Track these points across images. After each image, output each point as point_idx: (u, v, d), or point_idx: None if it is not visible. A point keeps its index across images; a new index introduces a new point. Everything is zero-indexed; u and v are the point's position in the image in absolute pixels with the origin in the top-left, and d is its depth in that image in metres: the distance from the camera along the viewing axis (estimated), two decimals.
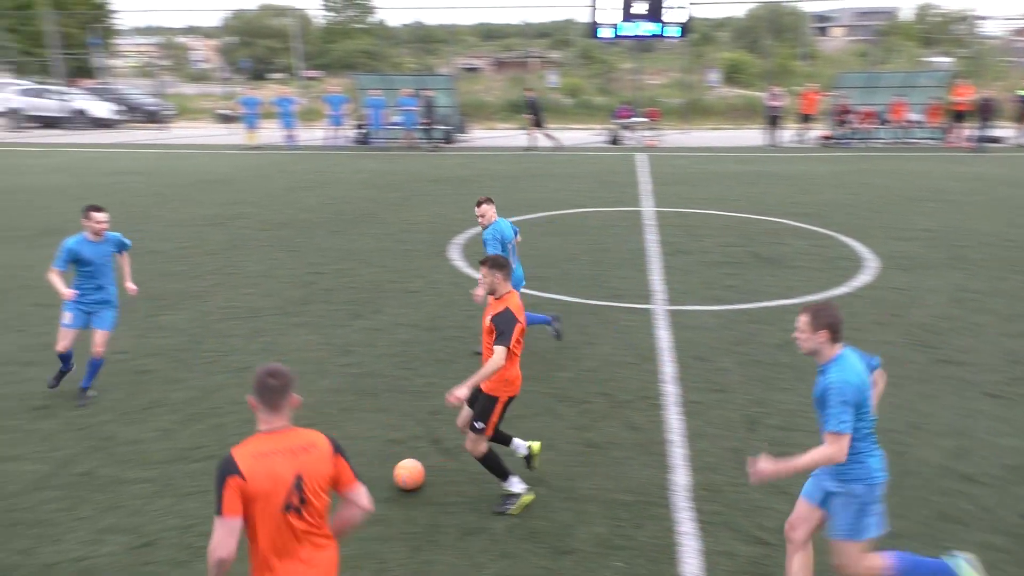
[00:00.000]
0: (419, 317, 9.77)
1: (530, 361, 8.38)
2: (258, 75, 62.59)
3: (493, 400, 5.55)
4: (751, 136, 30.43)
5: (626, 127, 29.40)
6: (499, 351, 5.27)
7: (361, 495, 3.47)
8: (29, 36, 53.54)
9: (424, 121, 26.52)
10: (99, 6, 68.25)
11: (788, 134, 28.10)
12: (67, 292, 7.29)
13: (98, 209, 7.42)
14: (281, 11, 67.13)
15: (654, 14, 29.58)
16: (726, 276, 11.44)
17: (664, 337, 9.04)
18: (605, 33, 30.49)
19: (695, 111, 36.38)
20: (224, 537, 3.15)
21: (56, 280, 7.27)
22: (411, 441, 6.67)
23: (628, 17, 29.80)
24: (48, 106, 34.10)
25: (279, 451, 3.26)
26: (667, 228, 14.55)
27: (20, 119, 33.64)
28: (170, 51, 77.97)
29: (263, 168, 22.19)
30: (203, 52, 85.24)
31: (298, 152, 25.85)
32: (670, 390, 7.64)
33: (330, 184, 19.47)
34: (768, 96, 28.36)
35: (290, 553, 3.26)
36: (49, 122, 33.63)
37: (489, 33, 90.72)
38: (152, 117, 36.04)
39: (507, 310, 5.39)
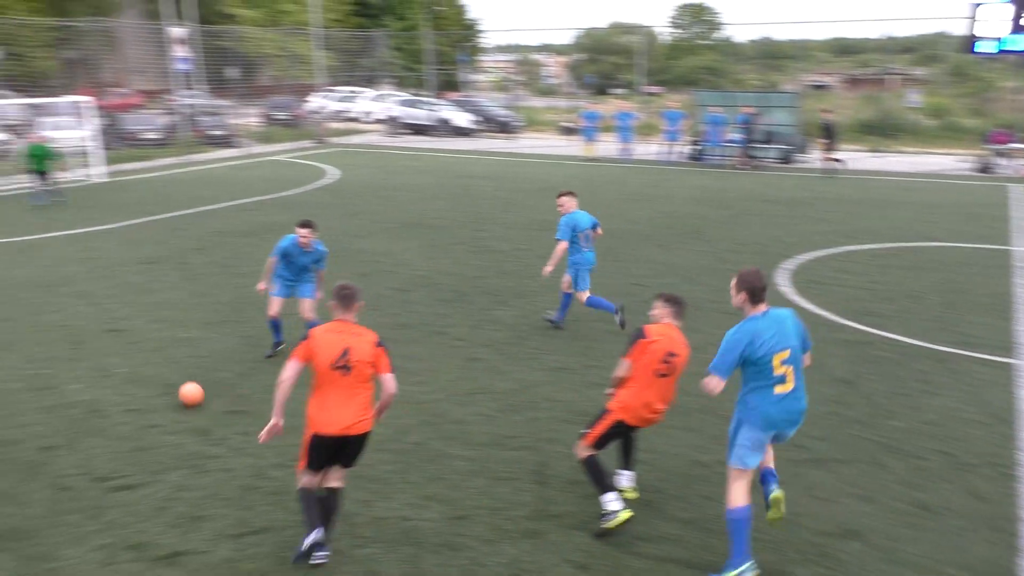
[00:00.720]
0: None
1: (856, 403, 7.73)
2: (601, 90, 65.15)
3: (604, 412, 5.65)
4: None
5: (1001, 153, 25.82)
6: (620, 363, 5.57)
7: (389, 381, 5.24)
8: (411, 54, 61.09)
9: (748, 139, 25.70)
10: (469, 27, 75.69)
11: None
12: (261, 285, 8.72)
13: (304, 225, 8.40)
14: (629, 29, 69.17)
15: None
16: None
17: None
18: (986, 47, 27.01)
19: None
20: (288, 370, 5.15)
21: (268, 266, 8.63)
22: (717, 466, 6.48)
23: (1018, 29, 26.13)
24: (419, 115, 38.64)
25: (339, 332, 5.17)
26: None
27: (397, 126, 38.54)
28: (525, 67, 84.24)
29: (597, 179, 23.04)
30: (553, 68, 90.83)
31: (632, 165, 26.45)
32: None
33: (660, 198, 19.65)
34: None
35: (332, 394, 5.10)
36: (419, 129, 38.09)
37: (844, 48, 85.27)
38: (503, 127, 39.17)
39: (642, 327, 5.58)
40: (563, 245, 9.43)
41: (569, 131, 35.81)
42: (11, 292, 11.44)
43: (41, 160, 18.53)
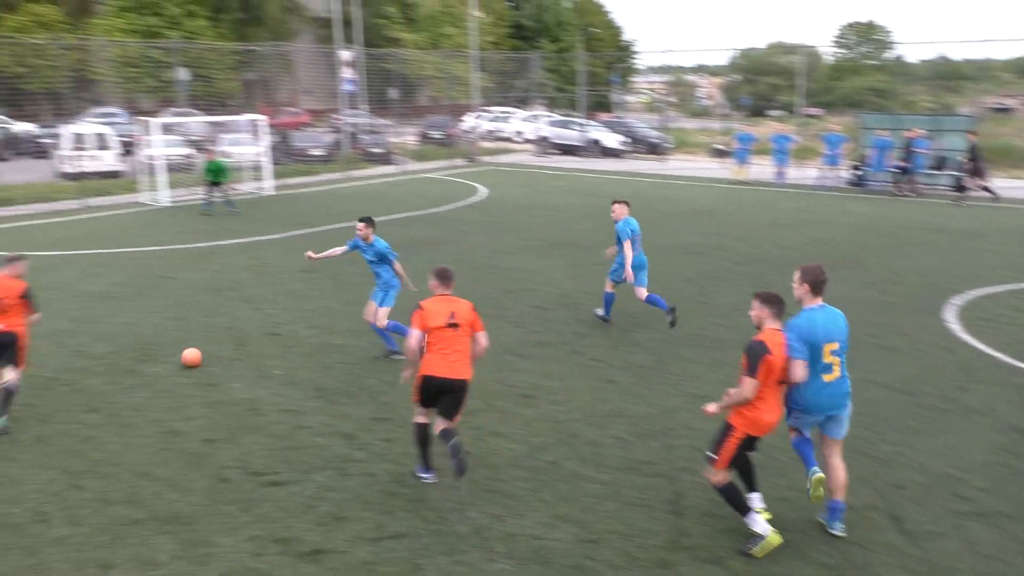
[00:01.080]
0: (893, 377, 8.91)
1: None
2: (756, 112, 63.33)
3: (728, 429, 5.51)
4: None
5: None
6: (745, 382, 5.36)
7: (482, 338, 6.53)
8: (563, 75, 61.73)
9: (917, 165, 24.11)
10: (624, 48, 75.66)
11: None
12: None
13: (362, 220, 9.24)
14: (791, 49, 66.95)
15: None
16: None
17: None
18: None
19: None
20: (412, 338, 6.36)
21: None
22: (865, 511, 6.10)
23: None
24: (569, 136, 38.96)
25: (444, 301, 6.49)
26: None
27: (547, 146, 39.04)
28: (678, 88, 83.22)
29: (749, 203, 22.36)
30: (707, 89, 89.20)
31: (786, 189, 25.50)
32: None
33: (814, 224, 18.81)
34: None
35: (441, 346, 6.33)
36: (568, 149, 38.39)
37: None
38: (653, 149, 38.81)
39: (759, 341, 5.40)
40: (629, 244, 10.40)
41: (721, 153, 34.99)
42: (186, 294, 12.44)
43: (217, 174, 20.13)
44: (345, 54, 35.48)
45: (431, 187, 25.83)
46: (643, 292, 10.62)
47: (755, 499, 5.77)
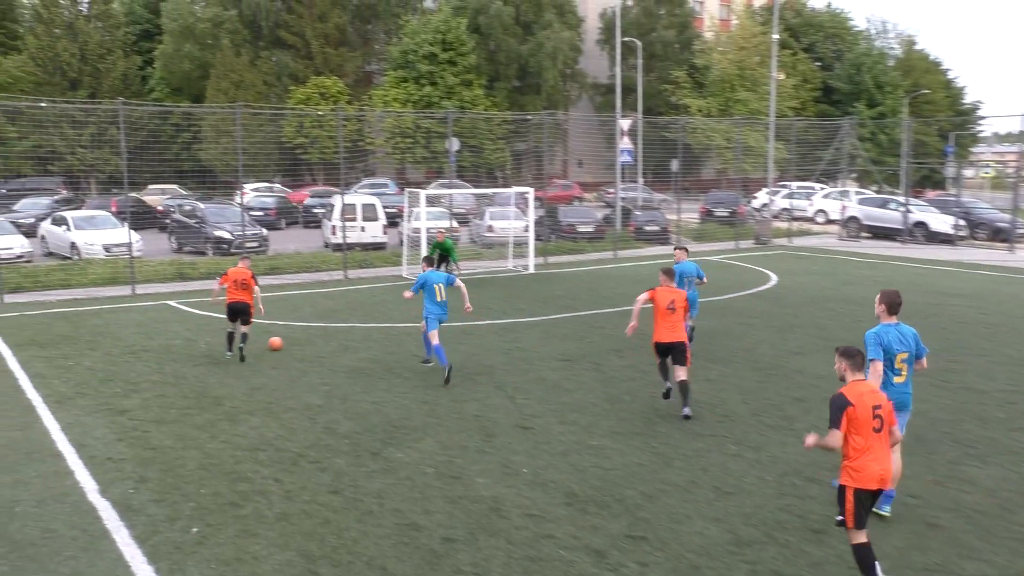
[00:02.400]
0: None
1: None
2: None
3: (841, 490, 6.46)
4: None
5: None
6: (830, 434, 6.36)
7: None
8: (881, 145, 59.01)
9: None
10: (965, 112, 70.93)
11: None
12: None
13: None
14: None
15: None
16: None
17: None
18: None
19: None
20: (640, 299, 11.38)
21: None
22: None
23: None
24: (885, 216, 36.85)
25: (667, 291, 11.28)
26: None
27: (855, 228, 37.20)
28: None
29: None
30: None
31: None
32: None
33: None
34: None
35: (662, 321, 11.11)
36: (883, 233, 36.27)
37: None
38: (998, 234, 35.55)
39: (839, 394, 6.44)
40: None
41: None
42: (436, 376, 13.17)
43: (444, 252, 21.95)
44: (624, 122, 36.76)
45: (712, 271, 25.55)
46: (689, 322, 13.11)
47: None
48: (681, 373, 10.99)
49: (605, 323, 17.45)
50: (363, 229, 29.53)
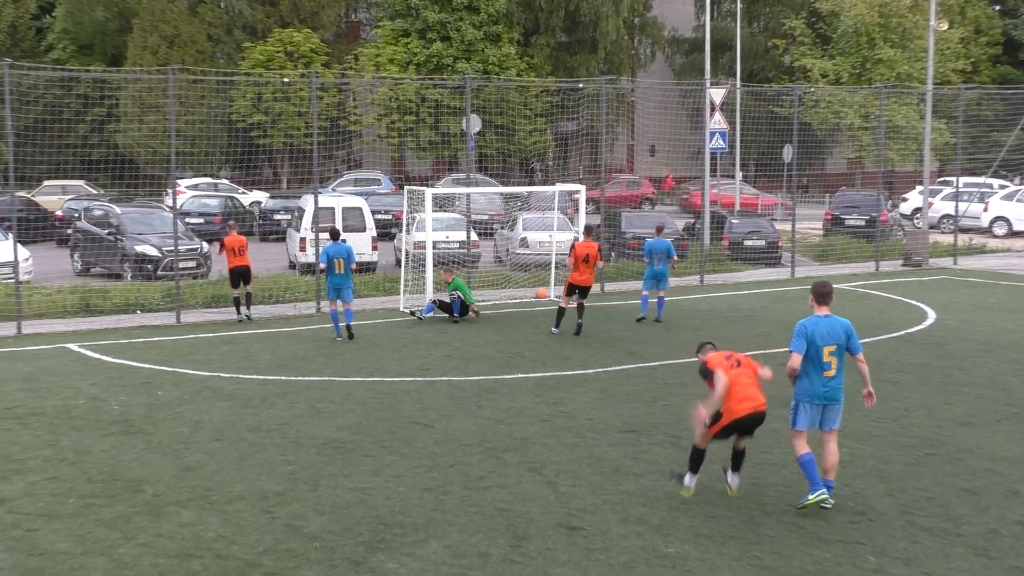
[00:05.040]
0: None
1: None
2: None
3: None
4: None
5: None
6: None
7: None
8: None
9: None
10: None
11: None
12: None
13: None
14: None
15: None
16: None
17: None
18: None
19: None
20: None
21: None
22: None
23: None
24: None
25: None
26: None
27: None
28: None
29: None
30: None
31: None
32: None
33: None
34: None
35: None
36: None
37: None
38: None
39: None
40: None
41: None
42: (446, 452, 13.18)
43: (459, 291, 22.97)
44: (716, 92, 36.75)
45: (843, 305, 25.39)
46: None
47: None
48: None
49: (687, 378, 17.33)
50: (344, 242, 29.65)
